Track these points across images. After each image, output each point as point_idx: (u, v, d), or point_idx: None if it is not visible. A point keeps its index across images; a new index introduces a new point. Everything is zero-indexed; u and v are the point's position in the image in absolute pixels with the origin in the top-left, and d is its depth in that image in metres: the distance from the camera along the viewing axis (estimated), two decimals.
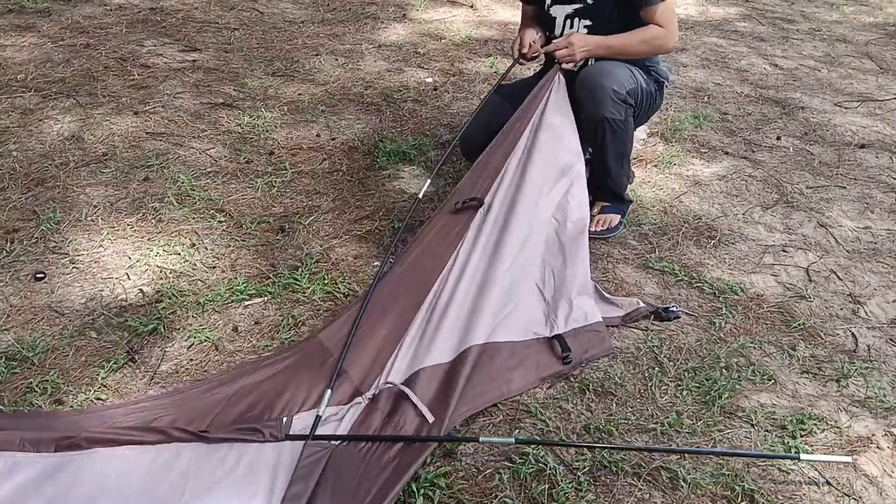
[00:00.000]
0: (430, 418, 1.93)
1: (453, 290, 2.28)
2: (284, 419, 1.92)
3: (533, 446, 1.95)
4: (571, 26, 2.78)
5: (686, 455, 1.96)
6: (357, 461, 1.83)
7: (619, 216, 2.88)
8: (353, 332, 2.17)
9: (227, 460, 1.81)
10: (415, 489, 1.81)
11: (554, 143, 2.64)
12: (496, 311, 2.26)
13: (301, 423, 1.93)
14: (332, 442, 1.87)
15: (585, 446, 1.97)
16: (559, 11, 2.80)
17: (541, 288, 2.39)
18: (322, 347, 2.17)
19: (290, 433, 1.89)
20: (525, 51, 2.77)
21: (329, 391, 1.99)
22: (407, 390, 1.99)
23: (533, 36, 2.81)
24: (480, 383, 2.07)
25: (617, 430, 2.03)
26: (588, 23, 2.74)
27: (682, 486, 1.87)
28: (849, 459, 1.95)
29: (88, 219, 2.78)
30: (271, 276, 2.56)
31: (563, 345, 2.23)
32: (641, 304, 2.46)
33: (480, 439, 1.95)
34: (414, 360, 2.11)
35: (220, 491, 1.74)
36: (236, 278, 2.54)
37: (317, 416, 1.92)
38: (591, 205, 2.85)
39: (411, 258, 2.44)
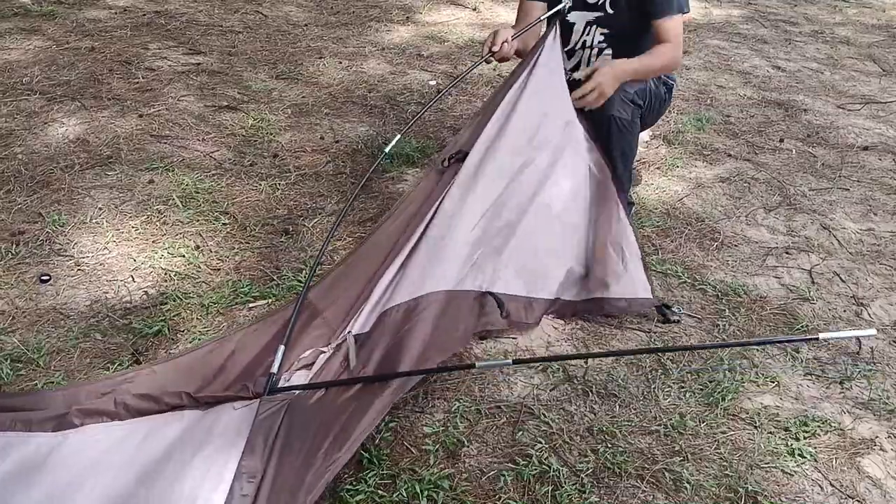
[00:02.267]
0: (353, 362, 1.89)
1: (422, 238, 2.25)
2: (273, 378, 1.89)
3: (536, 447, 1.96)
4: (589, 34, 2.80)
5: (689, 457, 1.97)
6: (313, 408, 1.79)
7: None
8: (305, 287, 2.16)
9: (213, 426, 1.80)
10: (418, 490, 1.81)
11: (535, 111, 2.61)
12: (466, 257, 2.25)
13: (288, 380, 1.91)
14: (294, 392, 1.84)
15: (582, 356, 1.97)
16: (579, 18, 2.79)
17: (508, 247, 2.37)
18: (311, 305, 2.13)
19: (271, 388, 1.86)
20: (496, 49, 2.64)
21: (282, 347, 1.95)
22: (350, 338, 1.95)
23: (507, 35, 2.68)
24: (441, 332, 2.04)
25: (620, 431, 2.03)
26: (605, 31, 2.78)
27: (686, 488, 1.88)
28: (873, 332, 1.92)
29: (93, 221, 2.79)
30: (275, 278, 2.57)
31: (498, 302, 2.24)
32: (640, 296, 2.46)
33: (477, 364, 1.93)
34: (379, 307, 2.07)
35: (202, 457, 1.73)
36: (240, 280, 2.54)
37: (270, 373, 1.89)
38: None
39: (396, 216, 2.39)
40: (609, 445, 1.99)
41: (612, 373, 2.24)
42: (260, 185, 3.10)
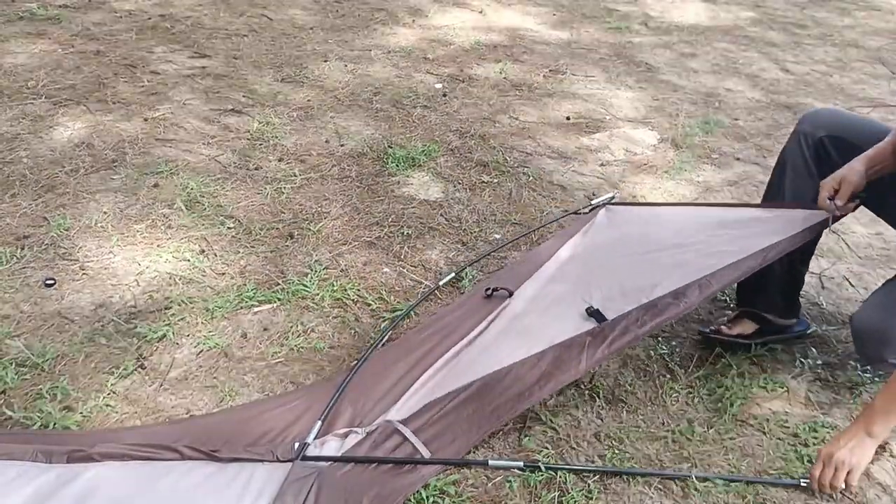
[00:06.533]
0: (426, 454, 1.90)
1: (461, 357, 2.24)
2: (297, 444, 1.91)
3: (543, 453, 1.94)
4: None
5: (698, 463, 1.95)
6: (342, 482, 1.82)
7: None
8: (353, 371, 2.17)
9: (237, 479, 1.82)
10: (424, 497, 1.80)
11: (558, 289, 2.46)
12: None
13: (313, 449, 1.93)
14: (320, 464, 1.87)
15: (592, 470, 1.94)
16: None
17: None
18: (338, 385, 2.15)
19: (304, 455, 1.89)
20: (839, 202, 2.06)
21: (319, 422, 1.97)
22: (402, 427, 1.96)
23: (857, 178, 2.05)
24: (481, 417, 2.01)
25: (628, 437, 2.02)
26: None
27: (694, 495, 1.86)
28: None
29: (98, 225, 2.79)
30: (280, 282, 2.56)
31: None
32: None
33: (490, 462, 1.92)
34: (415, 403, 2.08)
35: None
36: (245, 284, 2.53)
37: (304, 443, 1.91)
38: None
39: (436, 320, 2.40)
40: (616, 451, 1.98)
41: (620, 378, 2.22)
42: (265, 188, 3.09)
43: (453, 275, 2.61)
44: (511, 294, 2.39)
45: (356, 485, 1.81)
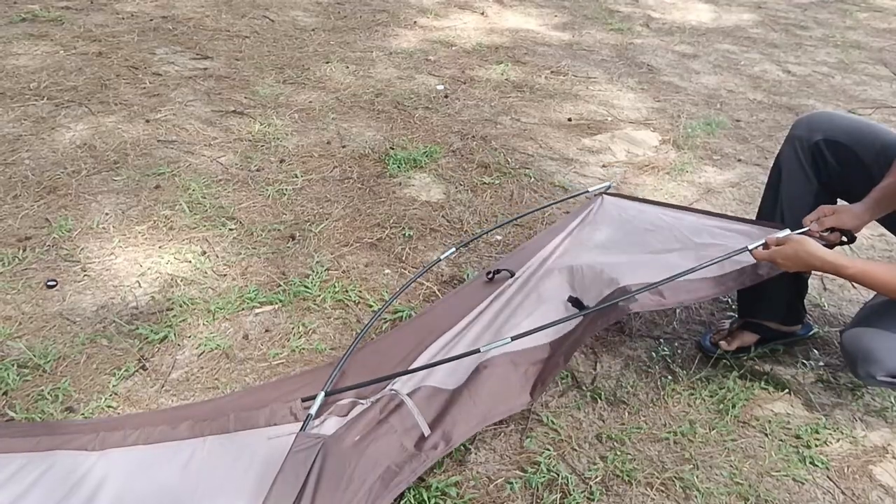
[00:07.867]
0: (426, 431, 1.88)
1: (464, 335, 2.23)
2: (310, 418, 1.90)
3: (544, 454, 1.94)
4: None
5: (700, 464, 1.95)
6: (345, 459, 1.80)
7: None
8: (355, 343, 2.18)
9: (241, 454, 1.82)
10: (425, 498, 1.80)
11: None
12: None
13: (316, 421, 1.92)
14: (324, 433, 1.87)
15: None
16: None
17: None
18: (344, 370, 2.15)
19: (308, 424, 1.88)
20: (814, 226, 2.10)
21: (322, 393, 1.97)
22: (407, 399, 1.94)
23: (850, 220, 2.10)
24: (487, 401, 1.98)
25: (629, 438, 2.02)
26: None
27: (696, 496, 1.86)
28: None
29: (100, 226, 2.79)
30: (282, 283, 2.56)
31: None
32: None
33: (481, 349, 1.93)
34: (419, 381, 2.07)
35: (228, 488, 1.75)
36: (247, 286, 2.53)
37: (308, 415, 1.90)
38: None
39: (438, 304, 2.42)
40: (618, 453, 1.97)
41: (621, 379, 2.22)
42: (266, 190, 3.09)
43: (454, 249, 2.63)
44: (513, 274, 2.41)
45: (359, 465, 1.78)
